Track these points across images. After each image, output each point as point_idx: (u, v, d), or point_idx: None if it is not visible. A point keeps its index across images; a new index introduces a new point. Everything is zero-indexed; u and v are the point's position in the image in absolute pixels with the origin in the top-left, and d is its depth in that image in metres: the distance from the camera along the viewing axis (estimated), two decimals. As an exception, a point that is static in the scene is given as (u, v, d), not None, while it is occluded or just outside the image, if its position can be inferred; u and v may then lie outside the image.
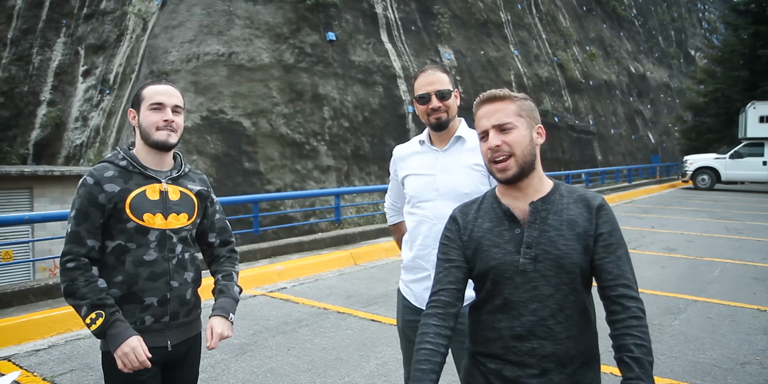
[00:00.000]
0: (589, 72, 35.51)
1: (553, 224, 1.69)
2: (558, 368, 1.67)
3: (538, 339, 1.67)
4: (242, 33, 19.03)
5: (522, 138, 1.71)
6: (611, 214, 1.72)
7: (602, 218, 1.69)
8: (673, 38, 53.65)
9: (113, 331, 1.95)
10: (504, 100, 1.74)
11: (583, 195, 1.75)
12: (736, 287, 6.65)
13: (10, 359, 4.36)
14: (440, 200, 2.48)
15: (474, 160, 2.48)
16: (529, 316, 1.68)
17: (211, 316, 2.16)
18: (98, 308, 1.95)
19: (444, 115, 2.47)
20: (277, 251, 8.22)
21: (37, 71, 24.60)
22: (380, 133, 19.90)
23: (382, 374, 4.05)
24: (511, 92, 1.78)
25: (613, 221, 1.71)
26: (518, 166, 1.70)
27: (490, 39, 28.30)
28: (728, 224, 12.38)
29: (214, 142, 17.15)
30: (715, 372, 4.11)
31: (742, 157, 22.16)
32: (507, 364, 1.71)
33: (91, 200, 2.01)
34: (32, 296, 5.50)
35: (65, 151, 23.15)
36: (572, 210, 1.70)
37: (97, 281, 1.99)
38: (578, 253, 1.66)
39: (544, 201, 1.72)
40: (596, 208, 1.70)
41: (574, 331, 1.68)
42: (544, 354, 1.67)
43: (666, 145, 43.15)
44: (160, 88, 2.13)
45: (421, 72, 2.55)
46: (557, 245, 1.66)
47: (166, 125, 2.09)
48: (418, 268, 2.58)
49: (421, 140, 2.61)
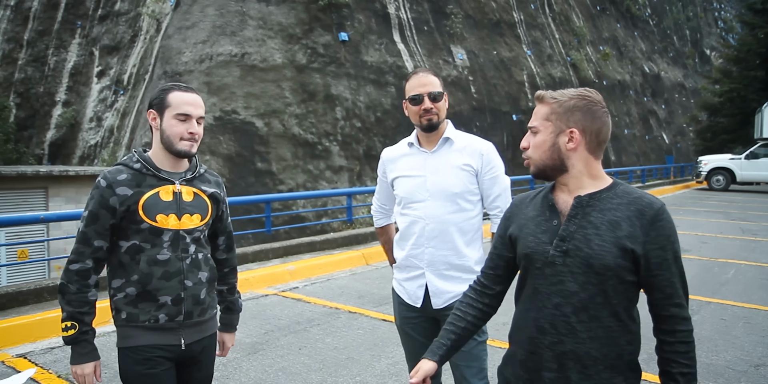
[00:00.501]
0: (602, 72, 35.31)
1: (593, 222, 1.64)
2: (577, 367, 1.64)
3: (558, 334, 1.66)
4: (255, 33, 19.11)
5: (541, 143, 1.71)
6: (669, 224, 1.62)
7: (657, 231, 1.60)
8: (688, 37, 53.20)
9: (78, 349, 2.07)
10: (542, 102, 1.74)
11: (640, 198, 1.65)
12: (750, 289, 6.59)
13: (26, 356, 4.42)
14: (431, 200, 2.55)
15: (463, 161, 2.56)
16: (552, 310, 1.67)
17: (223, 331, 2.45)
18: (74, 320, 2.04)
19: (435, 117, 2.54)
20: (289, 251, 8.25)
21: (53, 72, 24.84)
22: (392, 134, 19.90)
23: (393, 373, 4.06)
24: (558, 92, 1.73)
25: (669, 234, 1.61)
26: (535, 167, 1.74)
27: (503, 39, 28.21)
28: (743, 225, 12.27)
29: (227, 143, 17.24)
30: (729, 374, 4.08)
31: (758, 158, 21.91)
32: (530, 354, 1.73)
33: (102, 203, 2.05)
34: (47, 294, 5.57)
35: (80, 151, 23.36)
36: (620, 211, 1.63)
37: (88, 292, 2.06)
38: (613, 257, 1.59)
39: (592, 197, 1.68)
40: (650, 218, 1.61)
41: (600, 333, 1.63)
42: (563, 350, 1.65)
43: (680, 145, 42.81)
44: (188, 97, 2.12)
45: (413, 74, 2.61)
46: (591, 244, 1.62)
47: (191, 137, 2.12)
48: (411, 266, 2.64)
49: (410, 142, 2.67)
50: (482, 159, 2.58)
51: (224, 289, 2.43)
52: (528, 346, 1.73)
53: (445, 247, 2.56)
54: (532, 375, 1.72)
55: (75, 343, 2.06)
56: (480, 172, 2.58)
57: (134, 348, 2.07)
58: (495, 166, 2.61)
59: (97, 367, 2.10)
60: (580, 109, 1.68)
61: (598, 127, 1.69)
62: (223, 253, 2.40)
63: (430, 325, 2.68)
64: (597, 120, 1.69)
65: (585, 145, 1.69)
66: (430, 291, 2.59)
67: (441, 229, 2.55)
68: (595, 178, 1.72)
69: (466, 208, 2.58)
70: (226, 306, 2.45)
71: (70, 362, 2.08)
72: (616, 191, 1.68)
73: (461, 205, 2.56)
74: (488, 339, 2.69)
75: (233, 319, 2.47)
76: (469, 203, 2.58)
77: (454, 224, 2.56)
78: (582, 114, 1.68)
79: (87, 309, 2.06)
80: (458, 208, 2.56)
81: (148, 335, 2.08)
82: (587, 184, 1.70)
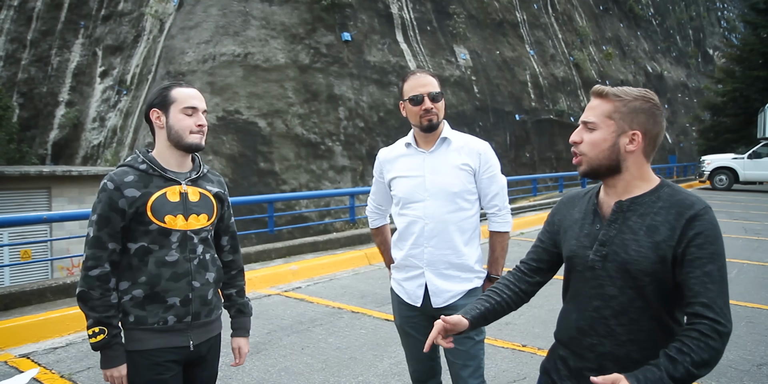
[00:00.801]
0: (605, 72, 35.28)
1: (632, 227, 1.63)
2: (617, 368, 1.59)
3: (598, 336, 1.67)
4: (258, 33, 19.14)
5: (600, 141, 1.65)
6: (708, 225, 1.57)
7: (694, 229, 1.55)
8: (691, 37, 53.14)
9: (110, 353, 2.04)
10: (603, 98, 1.67)
11: (682, 201, 1.61)
12: (753, 288, 6.58)
13: (29, 357, 4.43)
14: (431, 200, 2.57)
15: (461, 160, 2.57)
16: (592, 313, 1.68)
17: (237, 335, 2.39)
18: (103, 325, 2.02)
19: (435, 117, 2.55)
20: (292, 251, 8.26)
21: (56, 72, 24.91)
22: (395, 133, 19.91)
23: (396, 373, 4.06)
24: (621, 90, 1.66)
25: (708, 233, 1.55)
26: (588, 166, 1.68)
27: (506, 39, 28.21)
28: (746, 225, 12.25)
29: (230, 143, 17.27)
30: (731, 373, 4.08)
31: (761, 157, 21.85)
32: (572, 354, 1.75)
33: (111, 205, 2.04)
34: (50, 295, 5.58)
35: (83, 151, 23.42)
36: (660, 215, 1.60)
37: (110, 296, 2.04)
38: (650, 262, 1.57)
39: (634, 201, 1.66)
40: (688, 218, 1.57)
41: (641, 336, 1.62)
42: (603, 352, 1.67)
43: (683, 145, 42.76)
44: (191, 91, 2.14)
45: (411, 74, 2.63)
46: (628, 249, 1.61)
47: (199, 129, 2.12)
48: (410, 266, 2.65)
49: (407, 143, 2.68)
50: (480, 158, 2.60)
51: (233, 292, 2.40)
52: (569, 346, 1.77)
53: (444, 246, 2.57)
54: (573, 373, 1.75)
55: (107, 347, 2.03)
56: (478, 171, 2.60)
57: (144, 352, 2.06)
58: (492, 166, 2.63)
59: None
60: (645, 112, 1.64)
61: (658, 132, 1.67)
62: (229, 254, 2.38)
63: (430, 325, 2.67)
64: (657, 124, 1.66)
65: (643, 148, 1.66)
66: (430, 290, 2.60)
67: (440, 228, 2.57)
68: (646, 181, 1.69)
69: (464, 208, 2.59)
70: (238, 309, 2.40)
71: (102, 367, 2.05)
72: (660, 194, 1.65)
73: (460, 205, 2.58)
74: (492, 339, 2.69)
75: (245, 322, 2.41)
76: (468, 202, 2.60)
77: (453, 223, 2.57)
78: (646, 117, 1.65)
79: (113, 312, 2.04)
80: (457, 208, 2.57)
81: (157, 338, 2.07)
82: (635, 187, 1.68)
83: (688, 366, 1.43)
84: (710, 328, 1.47)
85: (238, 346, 2.38)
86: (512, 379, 3.96)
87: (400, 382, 3.91)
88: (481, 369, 2.63)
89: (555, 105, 29.00)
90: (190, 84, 2.20)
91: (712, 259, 1.53)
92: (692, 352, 1.45)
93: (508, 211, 2.69)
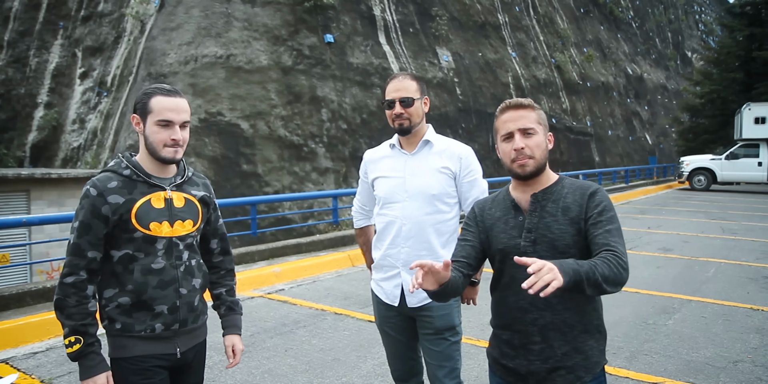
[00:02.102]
0: (586, 74, 35.60)
1: (550, 211, 1.93)
2: (557, 335, 1.91)
3: (538, 310, 1.92)
4: (240, 35, 19.07)
5: (541, 143, 1.95)
6: (604, 197, 1.92)
7: (594, 202, 1.89)
8: (670, 40, 53.79)
9: (86, 362, 1.99)
10: (527, 109, 1.97)
11: (582, 185, 1.97)
12: (730, 287, 6.69)
13: (8, 362, 4.38)
14: (409, 201, 2.61)
15: (441, 163, 2.62)
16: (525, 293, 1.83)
17: (230, 333, 2.34)
18: (79, 334, 1.97)
19: (406, 122, 2.60)
20: (275, 253, 8.25)
21: (34, 73, 24.60)
22: (378, 135, 19.94)
23: (379, 374, 4.08)
24: (530, 101, 2.01)
25: (605, 203, 1.90)
26: (535, 166, 1.95)
27: (488, 41, 28.37)
28: (724, 224, 12.44)
29: (212, 144, 17.18)
30: (708, 370, 4.15)
31: (738, 158, 22.22)
32: (515, 333, 1.98)
33: (94, 212, 2.00)
34: (30, 299, 5.52)
35: (62, 153, 23.15)
36: (569, 198, 1.93)
37: (88, 303, 1.99)
38: (570, 236, 1.88)
39: (545, 192, 1.97)
40: (589, 194, 1.92)
41: (571, 303, 1.90)
42: (544, 323, 1.91)
43: (663, 146, 43.26)
44: (169, 102, 2.04)
45: (392, 78, 2.69)
46: (552, 229, 1.90)
47: (174, 143, 2.06)
48: (388, 266, 2.69)
49: (392, 144, 2.73)
50: (461, 162, 2.63)
51: (223, 292, 2.36)
52: (512, 327, 1.99)
53: (421, 247, 2.60)
54: (519, 351, 1.98)
55: (82, 357, 1.98)
56: (458, 175, 2.63)
57: (130, 358, 2.04)
58: (473, 170, 2.67)
59: (109, 378, 2.03)
60: (545, 118, 2.03)
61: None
62: (219, 255, 2.36)
63: (408, 324, 2.72)
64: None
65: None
66: (406, 290, 2.62)
67: (417, 229, 2.60)
68: (549, 174, 2.02)
69: (443, 210, 2.63)
70: (228, 306, 2.36)
71: (80, 377, 1.99)
72: (563, 184, 1.99)
73: (438, 207, 2.61)
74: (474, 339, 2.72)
75: (237, 319, 2.36)
76: (447, 205, 2.63)
77: (430, 225, 2.60)
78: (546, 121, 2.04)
79: (89, 320, 1.99)
80: (435, 210, 2.61)
81: (143, 345, 2.05)
82: (546, 181, 2.00)
83: (596, 272, 1.65)
84: (614, 256, 1.73)
85: (232, 344, 2.32)
86: (494, 379, 4.00)
87: (383, 383, 3.93)
88: (457, 370, 2.66)
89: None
90: (176, 91, 2.11)
91: (610, 221, 1.86)
92: (597, 266, 1.67)
93: None
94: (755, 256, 8.62)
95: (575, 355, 1.92)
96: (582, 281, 1.63)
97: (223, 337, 2.34)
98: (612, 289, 1.70)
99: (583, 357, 1.92)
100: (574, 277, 1.60)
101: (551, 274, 1.53)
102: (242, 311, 2.42)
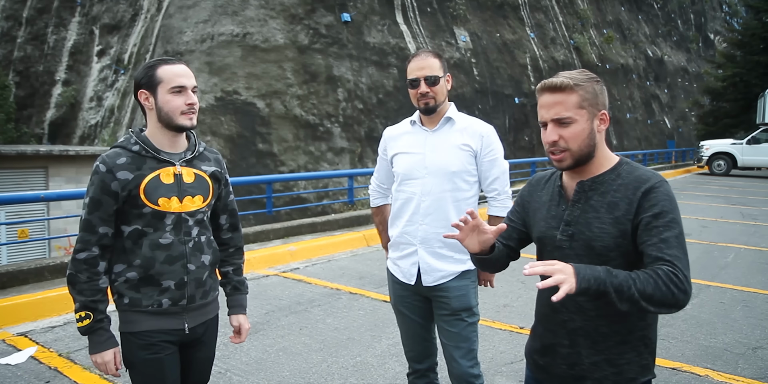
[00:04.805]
0: (605, 55, 35.06)
1: (594, 205, 1.68)
2: (587, 342, 1.71)
3: (569, 312, 1.73)
4: (257, 13, 18.94)
5: (580, 132, 1.66)
6: (663, 196, 1.62)
7: (650, 201, 1.60)
8: (692, 21, 52.74)
9: (95, 338, 2.03)
10: (564, 92, 1.65)
11: (640, 176, 1.66)
12: (749, 273, 6.61)
13: (27, 335, 4.44)
14: (429, 178, 2.57)
15: (462, 141, 2.58)
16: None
17: (235, 313, 2.36)
18: (89, 310, 2.00)
19: (432, 101, 2.56)
20: (290, 232, 8.26)
21: (52, 51, 24.66)
22: (394, 116, 19.81)
23: (394, 354, 4.08)
24: (575, 78, 1.67)
25: (663, 204, 1.60)
26: (573, 159, 1.68)
27: (506, 21, 27.97)
28: (743, 210, 12.28)
29: (228, 123, 17.18)
30: (727, 356, 4.11)
31: (760, 143, 21.84)
32: (546, 331, 1.83)
33: (104, 188, 2.00)
34: (48, 274, 5.58)
35: (80, 130, 23.29)
36: (619, 192, 1.65)
37: (99, 279, 2.02)
38: (612, 237, 1.63)
39: (594, 181, 1.71)
40: (644, 191, 1.62)
41: (609, 310, 1.63)
42: (573, 327, 1.73)
43: (682, 130, 42.67)
44: (178, 69, 2.03)
45: (414, 56, 2.62)
46: (591, 227, 1.67)
47: (190, 109, 2.04)
48: (405, 243, 2.65)
49: (413, 120, 2.70)
50: (482, 141, 2.59)
51: (230, 270, 2.36)
52: (544, 323, 1.85)
53: (439, 224, 2.57)
54: (546, 349, 1.83)
55: (91, 332, 2.02)
56: (479, 153, 2.59)
57: (138, 333, 2.05)
58: (494, 149, 2.62)
59: (117, 354, 2.07)
60: (602, 91, 1.70)
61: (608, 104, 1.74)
62: (228, 232, 2.35)
63: (423, 305, 2.70)
64: (607, 97, 1.73)
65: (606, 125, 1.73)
66: (422, 268, 2.60)
67: (436, 206, 2.57)
68: (607, 159, 1.74)
69: (462, 188, 2.59)
70: (233, 286, 2.36)
71: (89, 352, 2.04)
72: (619, 171, 1.70)
73: (458, 184, 2.57)
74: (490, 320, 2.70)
75: (242, 299, 2.37)
76: (466, 183, 2.59)
77: (450, 202, 2.57)
78: (603, 95, 1.70)
79: (100, 297, 2.02)
80: (455, 187, 2.57)
81: (151, 320, 2.06)
82: (599, 166, 1.72)
83: (632, 286, 1.45)
84: (667, 272, 1.48)
85: (239, 324, 2.35)
86: (509, 361, 3.99)
87: (397, 363, 3.93)
88: (474, 351, 2.64)
89: (555, 88, 28.78)
90: (178, 59, 2.11)
91: (668, 228, 1.57)
92: (639, 280, 1.47)
93: (508, 196, 2.68)
94: (775, 242, 8.51)
95: (606, 367, 1.71)
96: (608, 293, 1.44)
97: (229, 316, 2.36)
98: (658, 309, 1.48)
99: (616, 371, 1.70)
100: (595, 285, 1.43)
101: (560, 276, 1.40)
102: (248, 290, 2.43)
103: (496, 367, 3.89)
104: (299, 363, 3.95)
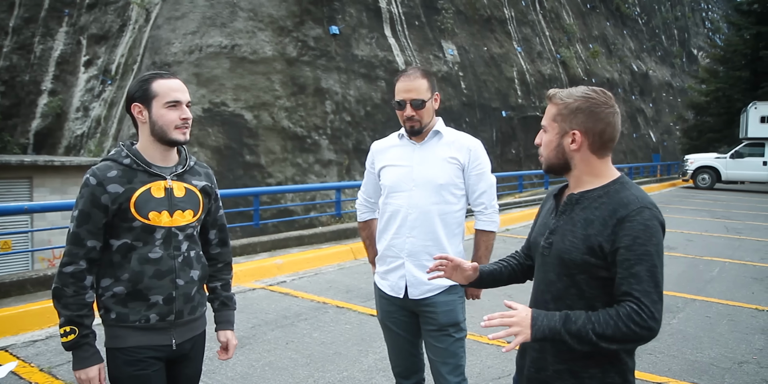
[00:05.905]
0: (591, 70, 35.45)
1: (574, 219, 1.72)
2: (553, 350, 1.73)
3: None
4: (245, 25, 18.98)
5: (548, 142, 1.78)
6: (638, 226, 1.60)
7: (624, 230, 1.60)
8: (676, 37, 53.53)
9: (79, 353, 1.99)
10: (550, 102, 1.78)
11: (622, 200, 1.66)
12: (734, 286, 6.65)
13: (8, 349, 4.36)
14: (416, 191, 2.58)
15: (450, 154, 2.59)
16: (537, 295, 1.83)
17: (223, 329, 2.34)
18: (74, 324, 1.97)
19: (417, 124, 2.57)
20: (277, 245, 8.22)
21: (39, 60, 24.54)
22: (382, 128, 19.86)
23: (381, 369, 4.05)
24: (565, 94, 1.74)
25: (636, 234, 1.58)
26: (545, 165, 1.81)
27: (494, 35, 28.23)
28: (728, 224, 12.38)
29: (216, 135, 17.14)
30: (713, 371, 4.12)
31: (743, 157, 22.12)
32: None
33: (93, 201, 1.98)
34: (30, 286, 5.50)
35: (66, 141, 23.12)
36: (599, 210, 1.67)
37: (85, 294, 1.99)
38: (580, 253, 1.65)
39: (583, 195, 1.74)
40: (619, 218, 1.62)
41: None
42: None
43: (667, 143, 43.13)
44: (173, 83, 2.04)
45: (403, 75, 2.61)
46: (564, 239, 1.71)
47: (184, 123, 2.04)
48: (392, 256, 2.65)
49: (401, 134, 2.71)
50: (470, 154, 2.60)
51: (218, 285, 2.34)
52: None
53: (426, 237, 2.57)
54: (523, 351, 1.89)
55: (76, 348, 1.98)
56: (467, 167, 2.60)
57: (124, 349, 2.02)
58: (482, 163, 2.63)
59: (102, 370, 2.03)
60: (583, 112, 1.71)
61: (602, 128, 1.71)
62: (217, 247, 2.33)
63: (410, 320, 2.69)
64: (600, 121, 1.71)
65: (588, 146, 1.73)
66: (408, 281, 2.60)
67: (423, 218, 2.57)
68: (598, 177, 1.75)
69: (449, 201, 2.59)
70: (222, 302, 2.34)
71: (73, 367, 2.00)
72: (608, 190, 1.71)
73: (445, 197, 2.58)
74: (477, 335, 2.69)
75: (230, 315, 2.35)
76: (453, 196, 2.60)
77: (437, 215, 2.57)
78: (585, 116, 1.70)
79: (86, 311, 1.98)
80: (442, 200, 2.57)
81: (138, 336, 2.03)
82: (586, 183, 1.76)
83: (590, 331, 1.52)
84: (630, 311, 1.52)
85: (226, 339, 2.33)
86: (497, 376, 3.97)
87: (384, 378, 3.90)
88: (461, 367, 2.63)
89: (541, 102, 29.08)
90: (173, 74, 2.11)
91: (640, 260, 1.57)
92: (599, 323, 1.53)
93: (495, 211, 2.69)
94: (760, 256, 8.58)
95: (568, 377, 1.72)
96: (564, 341, 1.52)
97: (216, 332, 2.34)
98: (622, 346, 1.54)
99: (577, 383, 1.71)
100: (550, 335, 1.53)
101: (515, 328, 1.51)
102: (236, 306, 2.41)
103: (483, 382, 3.87)
104: (285, 378, 3.91)
